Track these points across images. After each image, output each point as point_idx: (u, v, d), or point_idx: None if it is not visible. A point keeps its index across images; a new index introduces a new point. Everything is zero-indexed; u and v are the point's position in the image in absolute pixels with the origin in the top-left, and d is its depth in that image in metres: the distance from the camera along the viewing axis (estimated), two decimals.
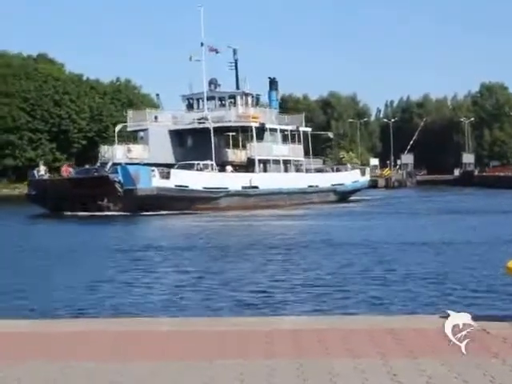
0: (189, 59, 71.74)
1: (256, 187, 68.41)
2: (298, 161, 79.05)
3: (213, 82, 74.74)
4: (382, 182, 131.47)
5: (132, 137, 76.18)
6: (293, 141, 78.98)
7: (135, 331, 9.36)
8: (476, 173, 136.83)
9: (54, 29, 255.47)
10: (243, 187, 67.35)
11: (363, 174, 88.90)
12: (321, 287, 20.39)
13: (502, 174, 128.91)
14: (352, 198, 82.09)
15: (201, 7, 73.65)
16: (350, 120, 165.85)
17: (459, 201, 73.17)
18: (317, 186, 77.90)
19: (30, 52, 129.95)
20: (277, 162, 74.70)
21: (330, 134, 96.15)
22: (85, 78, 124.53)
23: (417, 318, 10.73)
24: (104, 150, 70.08)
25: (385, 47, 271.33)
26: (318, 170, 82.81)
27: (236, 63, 77.53)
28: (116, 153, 66.94)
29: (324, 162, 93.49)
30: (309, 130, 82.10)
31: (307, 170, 79.50)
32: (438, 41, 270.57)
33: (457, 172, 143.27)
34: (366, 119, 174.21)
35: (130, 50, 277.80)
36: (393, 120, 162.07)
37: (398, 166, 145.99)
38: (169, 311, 17.07)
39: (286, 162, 76.62)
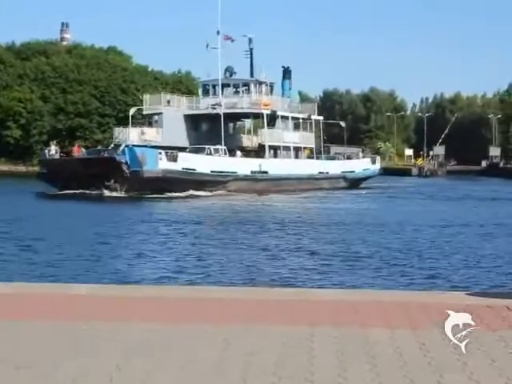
0: (206, 47, 68.21)
1: (265, 172, 65.30)
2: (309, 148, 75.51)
3: (228, 70, 71.63)
4: (415, 171, 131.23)
5: (147, 120, 71.80)
6: (304, 128, 76.18)
7: (192, 297, 9.42)
8: (501, 165, 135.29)
9: (123, 24, 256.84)
10: (252, 172, 64.21)
11: (374, 162, 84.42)
12: (355, 262, 20.41)
13: None
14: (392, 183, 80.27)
15: None
16: (388, 113, 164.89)
17: (489, 190, 72.13)
18: (327, 173, 74.05)
19: (102, 44, 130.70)
20: (287, 148, 71.55)
21: (342, 123, 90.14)
22: (149, 70, 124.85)
23: (444, 294, 10.68)
24: (118, 131, 66.51)
25: (422, 48, 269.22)
26: (330, 158, 78.72)
27: (251, 52, 74.09)
28: (130, 135, 63.15)
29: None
30: (321, 118, 78.65)
31: (318, 157, 75.59)
32: (471, 44, 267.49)
33: (484, 163, 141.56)
34: (402, 113, 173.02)
35: (189, 46, 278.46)
36: (427, 114, 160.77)
37: (430, 157, 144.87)
38: (220, 283, 17.13)
39: (296, 149, 73.31)
